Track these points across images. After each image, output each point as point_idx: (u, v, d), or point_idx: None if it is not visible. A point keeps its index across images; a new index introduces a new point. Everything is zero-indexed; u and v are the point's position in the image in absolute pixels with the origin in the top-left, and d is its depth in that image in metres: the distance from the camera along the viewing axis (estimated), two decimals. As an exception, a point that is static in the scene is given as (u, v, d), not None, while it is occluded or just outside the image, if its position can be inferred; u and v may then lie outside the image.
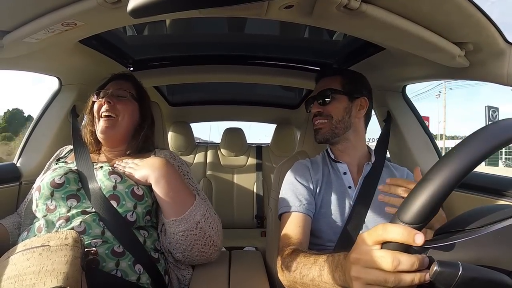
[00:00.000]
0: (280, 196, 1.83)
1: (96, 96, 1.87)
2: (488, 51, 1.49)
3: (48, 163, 1.92)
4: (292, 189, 1.79)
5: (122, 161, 1.74)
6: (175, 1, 0.79)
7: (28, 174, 2.14)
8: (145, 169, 1.62)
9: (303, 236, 1.63)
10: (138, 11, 0.79)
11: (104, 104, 1.81)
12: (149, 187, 1.63)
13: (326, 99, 1.89)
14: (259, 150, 4.52)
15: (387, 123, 2.38)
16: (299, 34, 2.59)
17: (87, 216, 1.52)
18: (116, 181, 1.60)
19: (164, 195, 1.56)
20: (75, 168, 1.70)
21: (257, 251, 2.06)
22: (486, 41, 1.44)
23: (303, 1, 1.27)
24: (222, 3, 1.14)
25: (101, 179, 1.62)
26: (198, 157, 4.39)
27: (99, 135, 1.83)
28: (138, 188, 1.61)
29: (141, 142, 1.91)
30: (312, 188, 1.80)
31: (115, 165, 1.73)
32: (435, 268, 0.75)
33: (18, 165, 2.18)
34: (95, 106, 1.85)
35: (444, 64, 1.67)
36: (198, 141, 4.78)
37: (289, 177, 1.88)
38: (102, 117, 1.81)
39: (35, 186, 1.68)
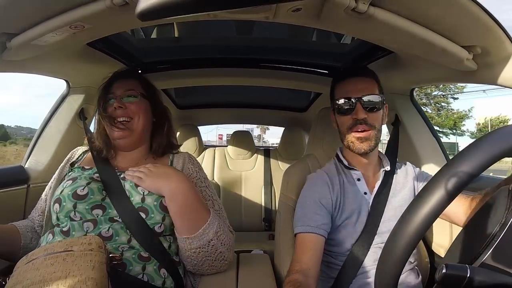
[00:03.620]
0: (297, 212, 1.79)
1: (104, 100, 1.78)
2: (496, 54, 1.48)
3: (60, 168, 1.84)
4: (309, 207, 1.75)
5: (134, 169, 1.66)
6: (184, 4, 0.79)
7: (36, 177, 2.14)
8: (159, 179, 1.57)
9: (313, 260, 1.60)
10: (146, 14, 0.79)
11: (117, 108, 1.72)
12: None
13: (375, 106, 1.75)
14: (267, 153, 4.52)
15: (395, 126, 2.37)
16: (307, 38, 2.59)
17: (114, 223, 1.52)
18: (144, 193, 1.58)
19: (178, 212, 1.53)
20: (97, 176, 1.67)
21: (265, 254, 2.06)
22: (494, 45, 1.44)
23: (311, 5, 1.27)
24: (230, 6, 1.15)
25: (128, 190, 1.60)
26: (206, 160, 4.39)
27: (115, 141, 1.76)
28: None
29: (164, 142, 1.85)
30: (331, 205, 1.76)
31: (126, 174, 1.65)
32: (442, 270, 0.75)
33: (26, 167, 2.19)
34: (107, 112, 1.76)
35: (452, 68, 1.66)
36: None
37: (308, 193, 1.82)
38: (115, 123, 1.74)
39: (52, 196, 1.64)
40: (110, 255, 1.30)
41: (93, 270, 1.14)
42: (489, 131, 1.21)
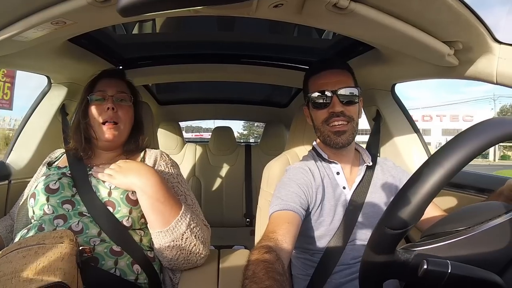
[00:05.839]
0: (274, 195, 1.70)
1: (91, 98, 1.78)
2: (477, 50, 1.49)
3: (39, 169, 1.88)
4: (288, 189, 1.66)
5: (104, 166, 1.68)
6: (164, 0, 0.79)
7: (17, 173, 2.13)
8: (129, 174, 1.59)
9: (289, 235, 1.44)
10: (127, 10, 0.79)
11: (108, 110, 1.74)
12: None
13: (351, 99, 1.73)
14: (248, 148, 4.56)
15: (377, 122, 2.38)
16: (288, 33, 2.59)
17: (84, 217, 1.53)
18: (110, 187, 1.60)
19: (149, 206, 1.53)
20: (69, 172, 1.69)
21: (246, 250, 2.06)
22: (475, 40, 1.44)
23: (292, 0, 1.27)
24: (211, 2, 1.14)
25: (95, 185, 1.61)
26: (187, 156, 4.41)
27: (104, 142, 1.77)
28: (132, 193, 1.60)
29: (138, 142, 1.87)
30: (312, 196, 1.69)
31: (94, 171, 1.68)
32: (424, 266, 0.76)
33: (7, 163, 2.17)
34: (94, 111, 1.77)
35: (434, 63, 1.67)
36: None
37: (288, 180, 1.73)
38: (105, 124, 1.75)
39: (29, 193, 1.67)
40: (81, 248, 1.33)
41: (62, 261, 1.19)
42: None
